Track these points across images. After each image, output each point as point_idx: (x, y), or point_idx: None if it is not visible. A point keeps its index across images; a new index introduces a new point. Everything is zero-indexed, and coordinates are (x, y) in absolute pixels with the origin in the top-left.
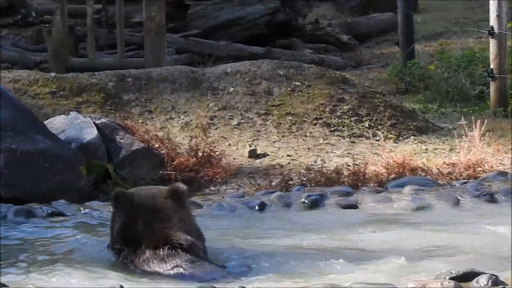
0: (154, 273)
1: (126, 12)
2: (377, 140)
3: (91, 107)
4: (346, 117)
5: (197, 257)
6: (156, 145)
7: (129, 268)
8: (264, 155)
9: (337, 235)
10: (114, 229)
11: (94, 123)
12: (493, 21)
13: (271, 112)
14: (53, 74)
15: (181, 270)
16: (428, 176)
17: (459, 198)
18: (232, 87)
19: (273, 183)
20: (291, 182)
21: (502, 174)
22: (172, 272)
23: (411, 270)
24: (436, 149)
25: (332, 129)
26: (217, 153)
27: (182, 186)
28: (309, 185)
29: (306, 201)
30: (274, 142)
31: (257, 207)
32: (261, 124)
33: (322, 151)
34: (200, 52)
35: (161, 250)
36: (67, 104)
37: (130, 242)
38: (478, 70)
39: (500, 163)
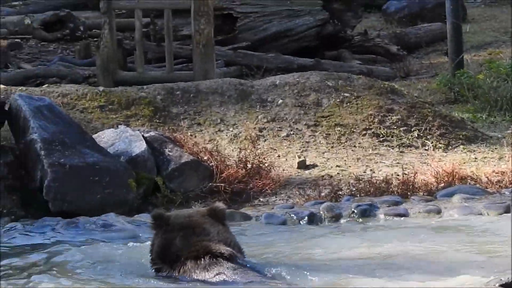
0: (196, 282)
1: (175, 25)
2: (426, 149)
3: (139, 121)
4: (395, 127)
5: (239, 265)
6: (205, 158)
7: (170, 282)
8: (313, 166)
9: (386, 244)
10: (152, 250)
11: (143, 136)
12: None
13: (320, 123)
14: (101, 88)
15: (224, 277)
16: (478, 185)
17: (510, 206)
18: (281, 99)
19: (323, 194)
20: (340, 193)
21: None
22: (215, 280)
23: (461, 278)
24: (485, 158)
25: (381, 139)
26: (266, 164)
27: (221, 205)
28: (358, 195)
29: (355, 211)
30: (323, 153)
31: (306, 218)
32: (310, 135)
33: (371, 161)
34: (249, 65)
35: (202, 260)
36: (115, 117)
37: (168, 259)
38: None
39: None
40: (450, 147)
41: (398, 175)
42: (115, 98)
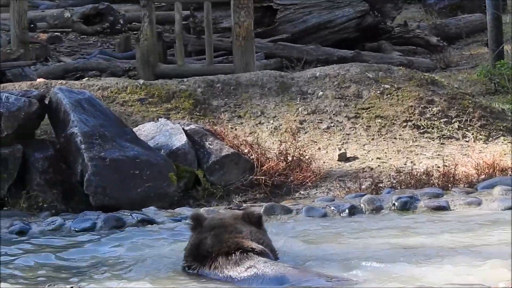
0: (228, 278)
1: (214, 18)
2: (466, 141)
3: (180, 114)
4: (435, 119)
5: (270, 260)
6: (246, 150)
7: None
8: (354, 158)
9: (429, 236)
10: (187, 249)
11: (183, 129)
12: None
13: (361, 115)
14: (141, 81)
15: (255, 270)
16: None
17: None
18: (321, 91)
19: (363, 186)
20: (381, 185)
21: None
22: (246, 274)
23: (502, 270)
24: None
25: (421, 131)
26: (306, 157)
27: (256, 210)
28: (399, 188)
29: (396, 203)
30: (364, 145)
31: (347, 211)
32: (350, 128)
33: (411, 153)
34: (289, 57)
35: (233, 255)
36: (156, 111)
37: (199, 256)
38: None
39: None
40: (490, 138)
41: (438, 167)
42: (155, 91)
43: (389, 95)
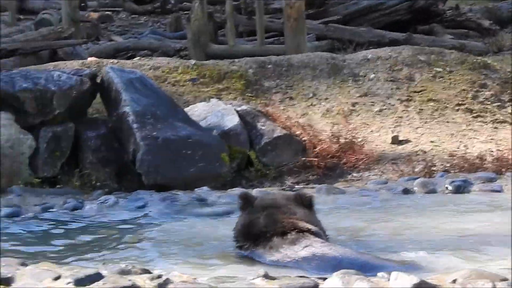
0: (284, 257)
1: None
2: None
3: (231, 94)
4: (488, 102)
5: (326, 240)
6: (298, 132)
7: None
8: (407, 141)
9: (485, 220)
10: (236, 229)
11: (235, 110)
12: None
13: (413, 98)
14: (193, 61)
15: (313, 249)
16: None
17: None
18: (373, 73)
19: (416, 169)
20: (434, 168)
21: None
22: (303, 252)
23: None
24: None
25: (474, 115)
26: (359, 139)
27: (308, 192)
28: (452, 171)
29: (450, 187)
30: (416, 128)
31: (401, 193)
32: (403, 111)
33: (464, 137)
34: (340, 39)
35: (289, 234)
36: (207, 91)
37: (251, 236)
38: None
39: None
40: None
41: (492, 151)
42: (207, 71)
43: (441, 79)
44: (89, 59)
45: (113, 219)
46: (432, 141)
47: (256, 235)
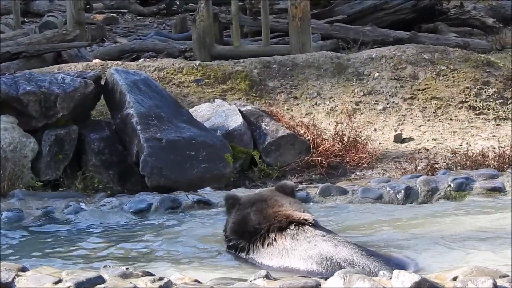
0: (286, 252)
1: None
2: None
3: (236, 94)
4: (491, 100)
5: (326, 232)
6: (302, 131)
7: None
8: (410, 139)
9: (483, 220)
10: (226, 229)
11: (239, 110)
12: None
13: (416, 97)
14: (197, 62)
15: (315, 243)
16: None
17: None
18: (377, 72)
19: (419, 167)
20: (436, 166)
21: None
22: (307, 248)
23: None
24: None
25: (477, 112)
26: (362, 138)
27: (289, 182)
28: (454, 169)
29: (452, 185)
30: (420, 126)
31: (403, 192)
32: (406, 109)
33: (467, 134)
34: (345, 38)
35: (288, 229)
36: (212, 91)
37: (244, 234)
38: None
39: None
40: None
41: (494, 148)
42: (212, 72)
43: (445, 76)
44: (94, 61)
45: (114, 221)
46: (434, 139)
47: (250, 232)
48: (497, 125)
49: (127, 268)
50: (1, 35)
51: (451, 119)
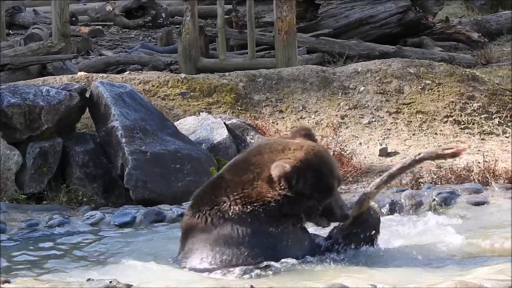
0: None
1: (257, 12)
2: (507, 137)
3: (221, 108)
4: (476, 114)
5: None
6: None
7: None
8: (395, 153)
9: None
10: None
11: (224, 123)
12: None
13: (402, 111)
14: (183, 75)
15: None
16: None
17: None
18: (363, 86)
19: (404, 181)
20: (421, 180)
21: None
22: None
23: None
24: None
25: (462, 126)
26: (347, 152)
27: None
28: (439, 183)
29: (436, 199)
30: (405, 140)
31: (387, 206)
32: (391, 123)
33: None
34: (331, 52)
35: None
36: (197, 105)
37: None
38: None
39: None
40: None
41: (479, 163)
42: (197, 85)
43: (430, 91)
44: (79, 73)
45: (99, 234)
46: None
47: None
48: (482, 139)
49: (110, 282)
50: None
51: (436, 134)
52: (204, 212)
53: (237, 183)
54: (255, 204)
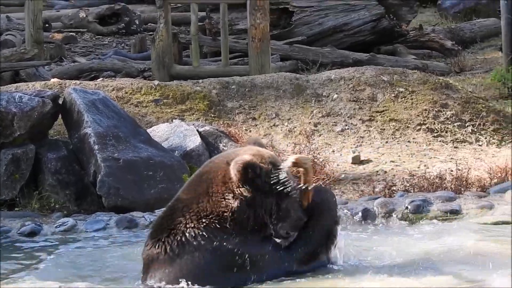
0: None
1: (230, 19)
2: (480, 145)
3: (194, 115)
4: (449, 122)
5: None
6: None
7: None
8: (368, 161)
9: (438, 242)
10: None
11: (197, 130)
12: None
13: (375, 118)
14: (156, 82)
15: None
16: None
17: None
18: (336, 93)
19: (377, 189)
20: (394, 188)
21: None
22: None
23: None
24: None
25: (435, 134)
26: (320, 159)
27: None
28: (412, 191)
29: (409, 207)
30: (378, 148)
31: (360, 214)
32: (364, 131)
33: (425, 156)
34: (304, 59)
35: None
36: (170, 112)
37: None
38: None
39: None
40: (503, 142)
41: (451, 171)
42: (170, 92)
43: (403, 99)
44: (52, 80)
45: (70, 241)
46: (392, 161)
47: None
48: (455, 147)
49: None
50: None
51: (409, 141)
52: (163, 240)
53: (192, 199)
54: (210, 217)
